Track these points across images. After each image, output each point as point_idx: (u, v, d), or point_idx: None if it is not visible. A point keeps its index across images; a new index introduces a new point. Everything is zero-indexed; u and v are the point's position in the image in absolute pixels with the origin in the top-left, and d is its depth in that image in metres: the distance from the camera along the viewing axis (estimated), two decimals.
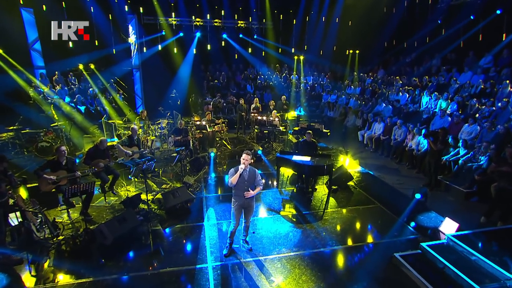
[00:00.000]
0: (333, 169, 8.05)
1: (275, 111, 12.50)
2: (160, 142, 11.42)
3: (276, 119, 11.73)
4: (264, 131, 11.75)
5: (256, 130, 12.71)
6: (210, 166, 9.60)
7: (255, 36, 18.72)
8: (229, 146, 11.91)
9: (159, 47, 16.42)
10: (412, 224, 6.51)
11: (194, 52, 17.31)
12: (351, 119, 13.86)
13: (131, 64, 15.93)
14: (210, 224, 6.49)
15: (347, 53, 18.76)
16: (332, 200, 7.66)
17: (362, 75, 17.11)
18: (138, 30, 15.51)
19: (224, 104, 15.32)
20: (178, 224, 6.51)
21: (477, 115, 9.61)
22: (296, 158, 7.87)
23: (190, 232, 6.24)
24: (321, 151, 10.20)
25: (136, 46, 13.66)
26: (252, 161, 5.12)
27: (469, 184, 7.78)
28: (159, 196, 7.23)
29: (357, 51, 18.33)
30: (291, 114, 13.46)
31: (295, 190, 8.13)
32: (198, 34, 17.45)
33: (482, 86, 10.69)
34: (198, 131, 11.07)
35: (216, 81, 17.12)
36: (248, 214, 5.45)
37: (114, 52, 15.21)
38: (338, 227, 6.34)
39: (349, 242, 5.87)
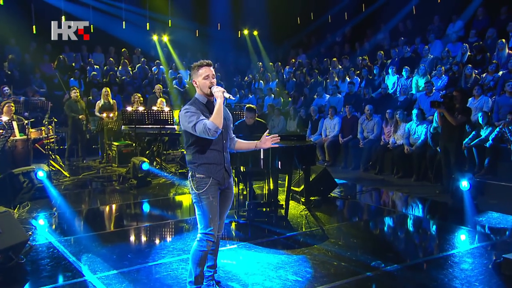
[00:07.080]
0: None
1: (162, 99, 11.47)
2: None
3: (167, 109, 10.54)
4: (146, 139, 10.27)
5: (116, 144, 11.12)
6: (46, 192, 7.99)
7: None
8: (65, 173, 10.20)
9: None
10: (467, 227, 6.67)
11: None
12: (277, 123, 13.80)
13: None
14: (105, 277, 4.89)
15: (239, 35, 19.53)
16: (322, 215, 7.45)
17: (275, 65, 17.79)
18: None
19: (26, 113, 12.82)
20: None
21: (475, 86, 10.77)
22: None
23: None
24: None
25: None
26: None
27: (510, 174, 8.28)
28: None
29: (255, 32, 19.16)
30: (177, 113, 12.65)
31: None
32: None
33: (469, 53, 12.21)
34: None
35: None
36: (225, 206, 4.24)
37: None
38: (366, 244, 6.22)
39: (403, 259, 5.59)
